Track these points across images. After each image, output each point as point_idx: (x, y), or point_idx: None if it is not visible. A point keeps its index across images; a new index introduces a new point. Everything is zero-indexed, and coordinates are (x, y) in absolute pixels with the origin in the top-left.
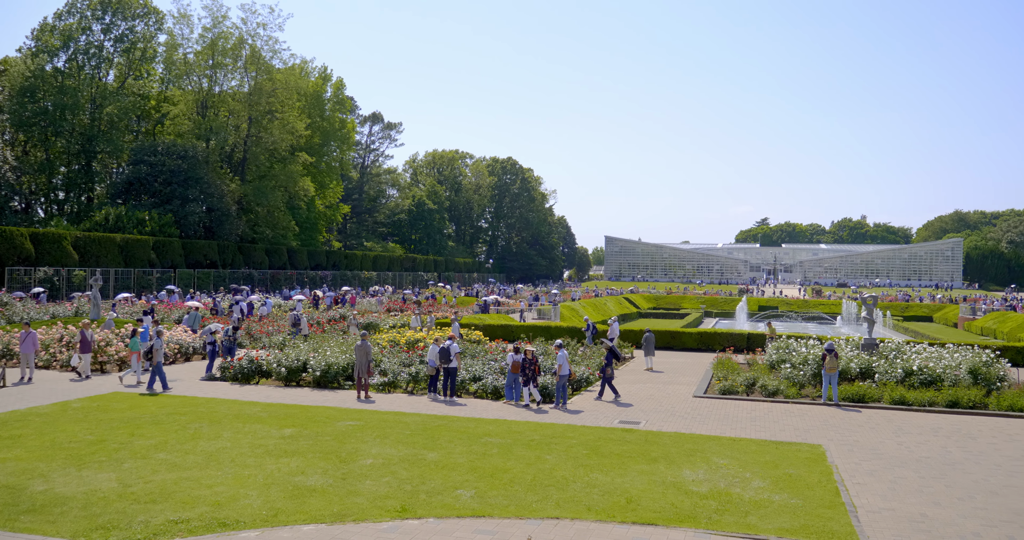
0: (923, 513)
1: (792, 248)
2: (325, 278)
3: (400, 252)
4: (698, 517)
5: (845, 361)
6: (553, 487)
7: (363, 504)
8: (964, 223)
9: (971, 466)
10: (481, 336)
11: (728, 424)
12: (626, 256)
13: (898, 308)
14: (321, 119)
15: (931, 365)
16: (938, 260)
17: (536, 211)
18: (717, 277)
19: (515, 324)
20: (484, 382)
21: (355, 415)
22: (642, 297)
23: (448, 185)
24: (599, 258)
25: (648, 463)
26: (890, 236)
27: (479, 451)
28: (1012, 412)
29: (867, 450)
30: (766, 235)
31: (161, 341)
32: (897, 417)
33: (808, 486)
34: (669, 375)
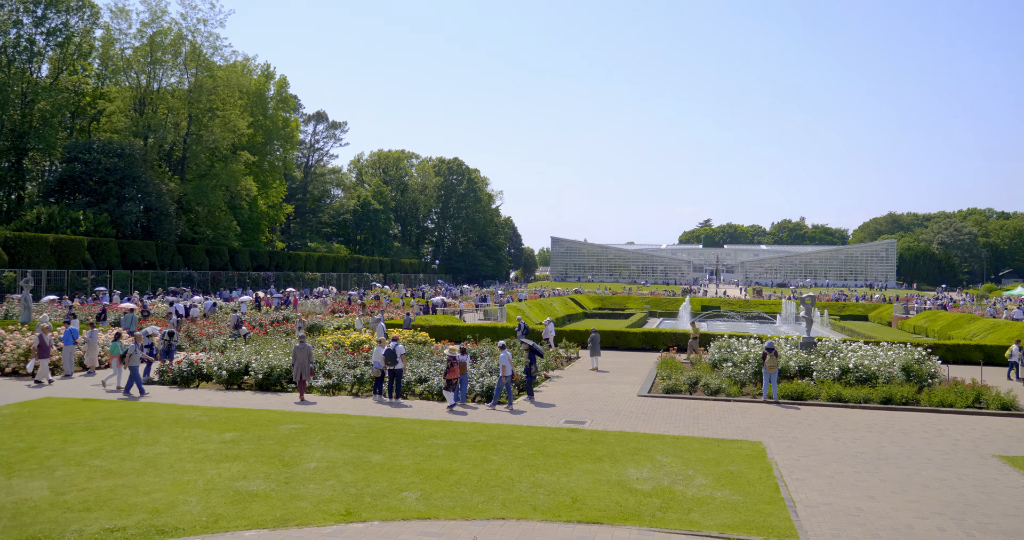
0: (858, 507)
1: (734, 249)
2: (268, 279)
3: (345, 253)
4: (642, 515)
5: (784, 360)
6: (499, 488)
7: (307, 508)
8: (898, 225)
9: (904, 460)
10: (427, 337)
11: (672, 423)
12: (572, 257)
13: (835, 307)
14: (264, 117)
15: (866, 363)
16: (873, 261)
17: (483, 212)
18: (661, 277)
19: (461, 325)
20: (430, 383)
21: (299, 418)
22: (588, 297)
23: (394, 185)
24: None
25: (593, 462)
26: (828, 237)
27: (425, 453)
28: (942, 408)
29: (805, 446)
30: (709, 236)
31: (137, 345)
32: (834, 414)
33: (749, 482)
34: (614, 375)
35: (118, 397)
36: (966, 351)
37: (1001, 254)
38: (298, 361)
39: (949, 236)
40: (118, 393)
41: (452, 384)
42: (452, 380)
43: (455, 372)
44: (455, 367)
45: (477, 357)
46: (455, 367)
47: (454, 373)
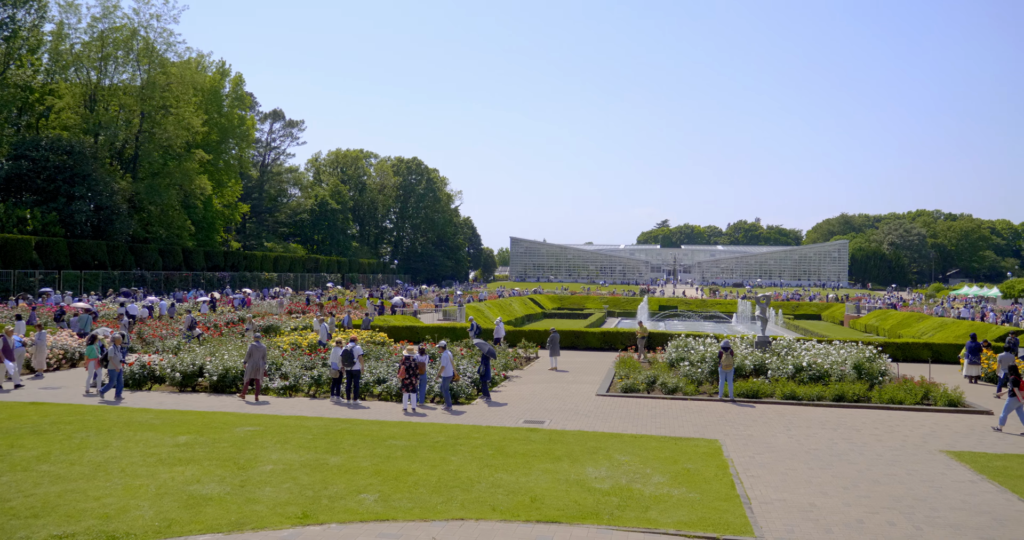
0: (812, 503)
1: (691, 249)
2: (223, 279)
3: (302, 253)
4: (600, 513)
5: (740, 358)
6: (458, 488)
7: (262, 511)
8: (850, 226)
9: (855, 457)
10: (386, 338)
11: (630, 421)
12: (531, 257)
13: (789, 307)
14: (219, 115)
15: (819, 361)
16: (826, 261)
17: (442, 212)
18: (620, 277)
19: (420, 325)
20: (389, 384)
21: (254, 420)
22: (547, 297)
23: (352, 185)
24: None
25: (552, 462)
26: (782, 238)
27: (383, 454)
28: (892, 405)
29: (760, 444)
30: (666, 236)
31: (117, 348)
32: (788, 411)
33: (705, 480)
34: (573, 374)
35: (62, 401)
36: (915, 349)
37: (948, 254)
38: (252, 361)
39: (899, 237)
40: (96, 398)
41: (408, 385)
42: (407, 381)
43: (422, 370)
44: (421, 365)
45: (436, 358)
46: (421, 365)
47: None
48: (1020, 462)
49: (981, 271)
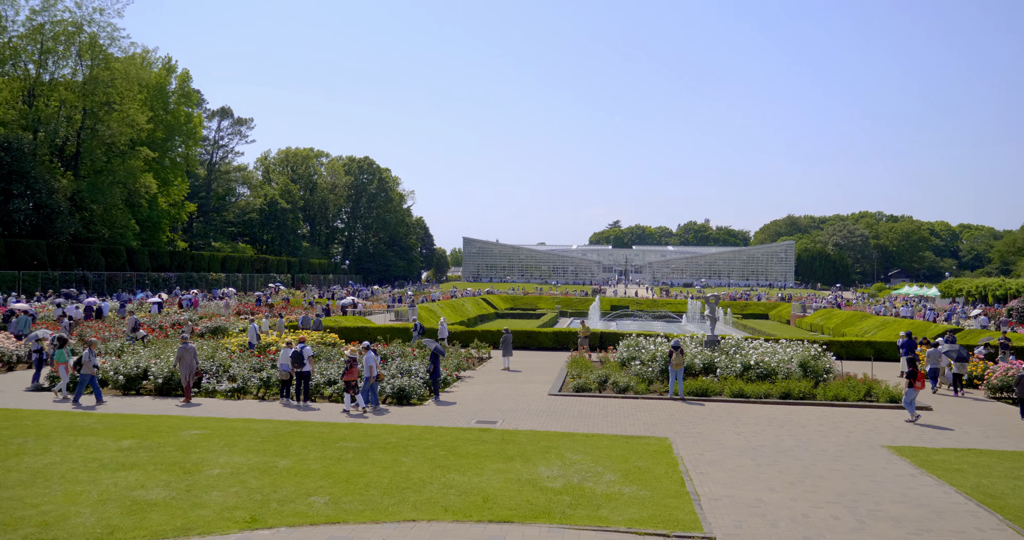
0: (759, 498)
1: (642, 250)
2: (169, 280)
3: (251, 253)
4: (552, 512)
5: (690, 357)
6: (410, 490)
7: (209, 516)
8: (796, 227)
9: (801, 453)
10: (336, 339)
11: (582, 421)
12: (484, 257)
13: (738, 306)
14: (165, 112)
15: (767, 359)
16: (773, 261)
17: (394, 212)
18: (572, 278)
19: (372, 326)
20: (339, 385)
21: (201, 423)
22: (499, 298)
23: (302, 184)
24: (457, 259)
25: (505, 461)
26: (731, 239)
27: (334, 456)
28: (836, 401)
29: (710, 441)
30: (618, 237)
31: (91, 353)
32: (736, 409)
33: (656, 477)
34: (526, 374)
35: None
36: (858, 347)
37: (890, 255)
38: (184, 363)
39: (843, 238)
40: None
41: (352, 386)
42: (351, 382)
43: (353, 374)
44: (353, 369)
45: (388, 358)
46: (353, 369)
47: (352, 375)
48: (957, 456)
49: (921, 271)
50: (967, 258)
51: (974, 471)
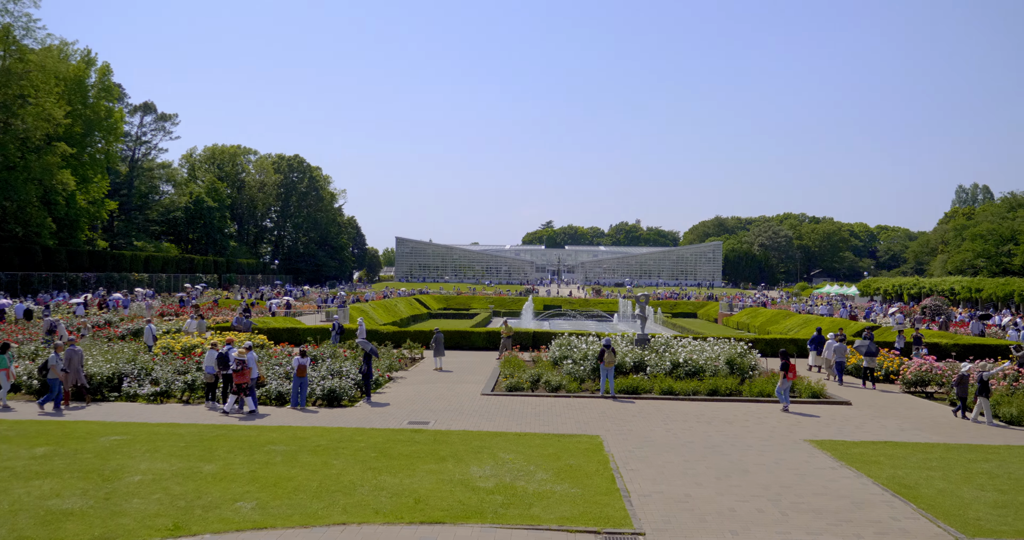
0: (687, 494)
1: (575, 250)
2: (88, 281)
3: (176, 252)
4: (485, 512)
5: (621, 356)
6: (340, 492)
7: (129, 525)
8: (724, 228)
9: (728, 448)
10: (265, 340)
11: (514, 420)
12: (417, 257)
13: (668, 305)
14: (84, 107)
15: (695, 357)
16: (702, 261)
17: (325, 211)
18: (505, 277)
19: (301, 327)
20: (268, 388)
21: (121, 429)
22: (432, 298)
23: (230, 182)
24: (390, 259)
25: (437, 462)
26: (661, 239)
27: (261, 460)
28: (762, 397)
29: (640, 438)
30: (551, 237)
31: (58, 357)
32: (666, 406)
33: (587, 475)
34: (459, 374)
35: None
36: (782, 344)
37: (812, 255)
38: (72, 366)
39: (768, 239)
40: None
41: (243, 388)
42: (243, 385)
43: (245, 376)
44: (246, 370)
45: (319, 359)
46: (246, 370)
47: (243, 377)
48: (874, 448)
49: (841, 271)
50: (884, 258)
51: (890, 463)
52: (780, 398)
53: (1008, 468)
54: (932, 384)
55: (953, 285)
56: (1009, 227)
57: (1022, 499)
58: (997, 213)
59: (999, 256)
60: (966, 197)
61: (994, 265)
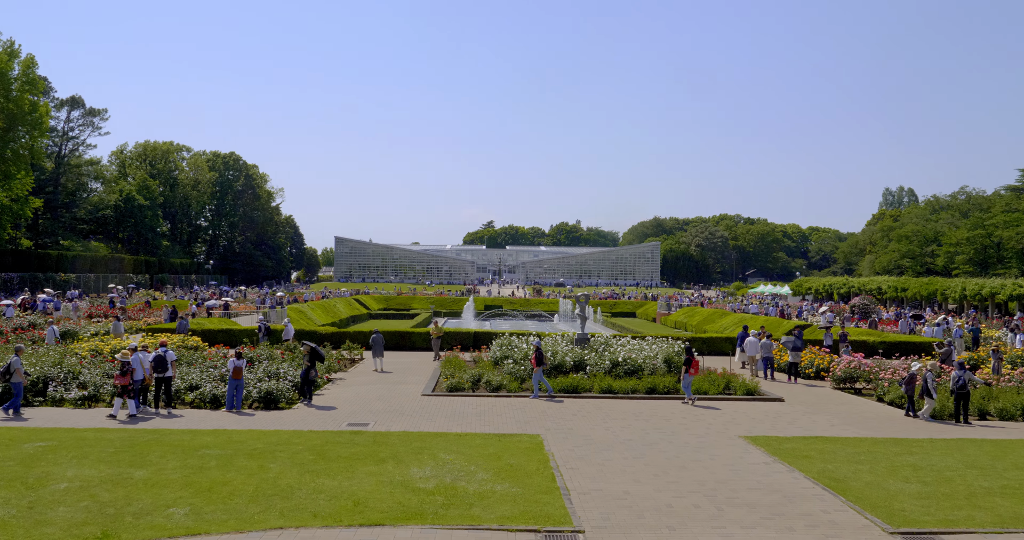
0: (626, 491)
1: (515, 250)
2: (11, 281)
3: (105, 252)
4: (425, 513)
5: (561, 355)
6: (277, 496)
7: (55, 534)
8: (662, 228)
9: (665, 445)
10: (199, 342)
11: (455, 420)
12: (357, 257)
13: (607, 305)
14: (6, 100)
15: (634, 356)
16: (640, 262)
17: (262, 209)
18: (446, 278)
19: (237, 328)
20: (202, 391)
21: (46, 435)
22: (373, 298)
23: (163, 180)
24: (329, 259)
25: (376, 464)
26: (601, 239)
27: (195, 465)
28: (698, 395)
29: (580, 437)
30: (492, 237)
31: (19, 359)
32: (606, 405)
33: (527, 474)
34: (399, 375)
35: None
36: (718, 343)
37: (747, 256)
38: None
39: (705, 239)
40: None
41: (127, 391)
42: (127, 386)
43: (127, 378)
44: (128, 373)
45: (255, 361)
46: (128, 373)
47: (125, 379)
48: (806, 444)
49: (775, 271)
50: (815, 258)
51: (820, 457)
52: (685, 391)
53: (930, 461)
54: (860, 380)
55: (880, 284)
56: (932, 229)
57: (944, 490)
58: (921, 215)
59: (923, 256)
60: (892, 199)
61: (918, 265)
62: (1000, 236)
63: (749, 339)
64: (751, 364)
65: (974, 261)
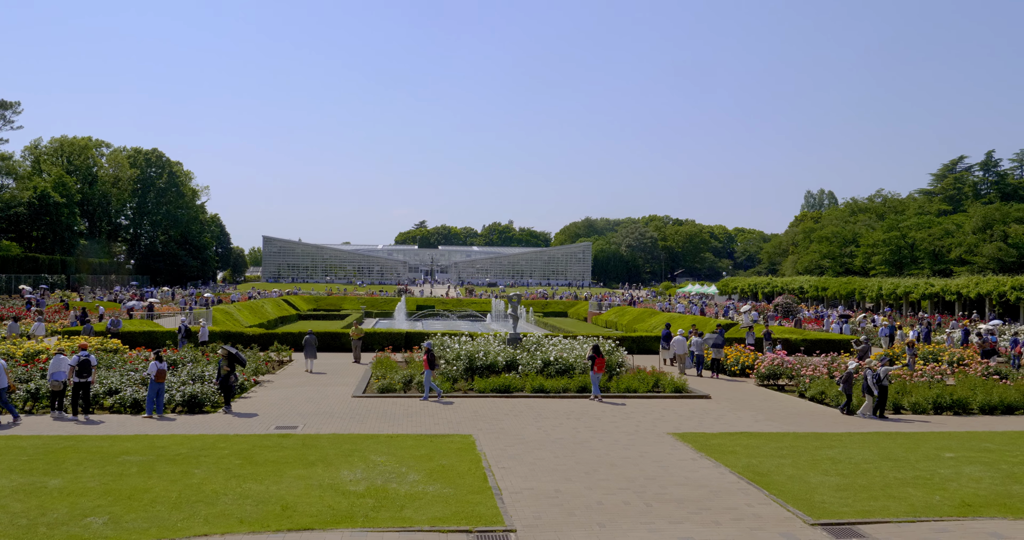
0: (557, 489)
1: (448, 250)
2: None
3: (17, 251)
4: (355, 516)
5: (493, 355)
6: (202, 503)
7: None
8: (593, 229)
9: (596, 443)
10: (119, 344)
11: (386, 422)
12: (285, 257)
13: (539, 305)
14: None
15: (565, 355)
16: (572, 262)
17: (186, 208)
18: (378, 278)
19: (160, 330)
20: (123, 395)
21: None
22: (302, 298)
23: (81, 176)
24: (257, 259)
25: (305, 467)
26: (533, 240)
27: (115, 472)
28: (628, 393)
29: (512, 436)
30: (424, 237)
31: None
32: (537, 404)
33: (459, 474)
34: (330, 376)
35: None
36: (648, 342)
37: (676, 256)
38: None
39: (635, 240)
40: None
41: None
42: None
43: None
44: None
45: (179, 363)
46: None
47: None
48: (731, 439)
49: (703, 271)
50: (741, 258)
51: (745, 452)
52: (593, 388)
53: (849, 453)
54: (783, 377)
55: (802, 284)
56: (851, 230)
57: (861, 482)
58: (840, 217)
59: (842, 257)
60: (814, 202)
61: (838, 265)
62: (914, 237)
63: (677, 338)
64: (679, 362)
65: (890, 261)
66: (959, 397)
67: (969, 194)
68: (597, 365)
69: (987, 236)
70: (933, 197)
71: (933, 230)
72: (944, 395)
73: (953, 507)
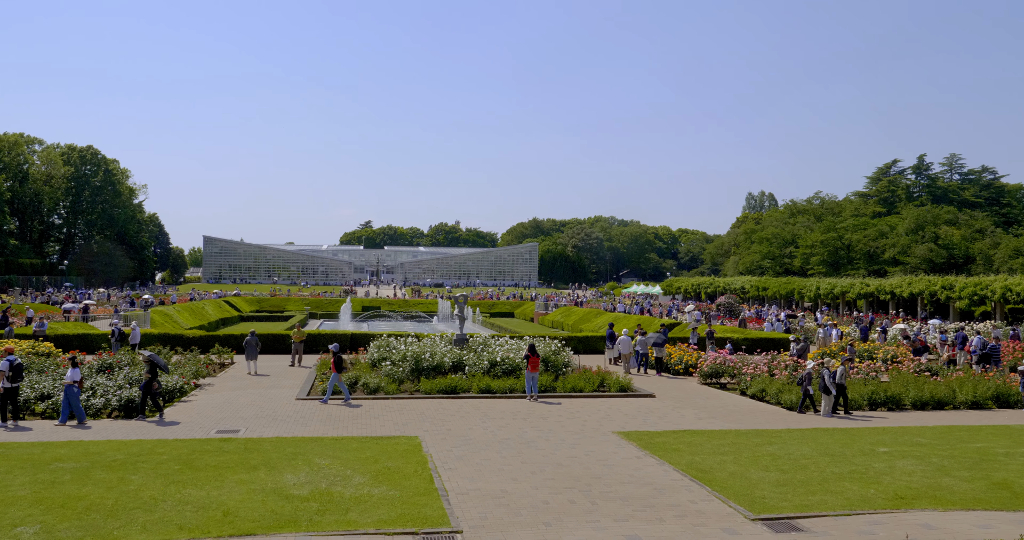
0: (503, 489)
1: (394, 250)
2: None
3: None
4: (299, 520)
5: (439, 356)
6: (139, 509)
7: None
8: (540, 229)
9: (542, 443)
10: (52, 348)
11: (331, 424)
12: (227, 257)
13: (486, 305)
14: None
15: (511, 356)
16: (519, 262)
17: (123, 207)
18: (322, 278)
19: (96, 333)
20: (55, 400)
21: None
22: (244, 300)
23: (10, 174)
24: (197, 259)
25: (248, 472)
26: (480, 240)
27: (47, 480)
28: (574, 393)
29: (458, 437)
30: (370, 238)
31: None
32: (484, 405)
33: (405, 476)
34: (273, 379)
35: None
36: (594, 342)
37: (621, 256)
38: None
39: (581, 240)
40: None
41: None
42: None
43: None
44: None
45: (115, 367)
46: None
47: None
48: (675, 437)
49: (648, 271)
50: (685, 259)
51: (689, 450)
52: (527, 388)
53: (788, 449)
54: (725, 375)
55: (744, 284)
56: (790, 231)
57: (800, 477)
58: (780, 219)
59: (782, 258)
60: (755, 203)
61: (778, 266)
62: (850, 239)
63: (622, 337)
64: (625, 361)
65: (827, 262)
66: (893, 393)
67: (902, 196)
68: (532, 364)
69: (919, 237)
70: (868, 199)
71: (868, 231)
72: (879, 391)
73: (887, 500)
